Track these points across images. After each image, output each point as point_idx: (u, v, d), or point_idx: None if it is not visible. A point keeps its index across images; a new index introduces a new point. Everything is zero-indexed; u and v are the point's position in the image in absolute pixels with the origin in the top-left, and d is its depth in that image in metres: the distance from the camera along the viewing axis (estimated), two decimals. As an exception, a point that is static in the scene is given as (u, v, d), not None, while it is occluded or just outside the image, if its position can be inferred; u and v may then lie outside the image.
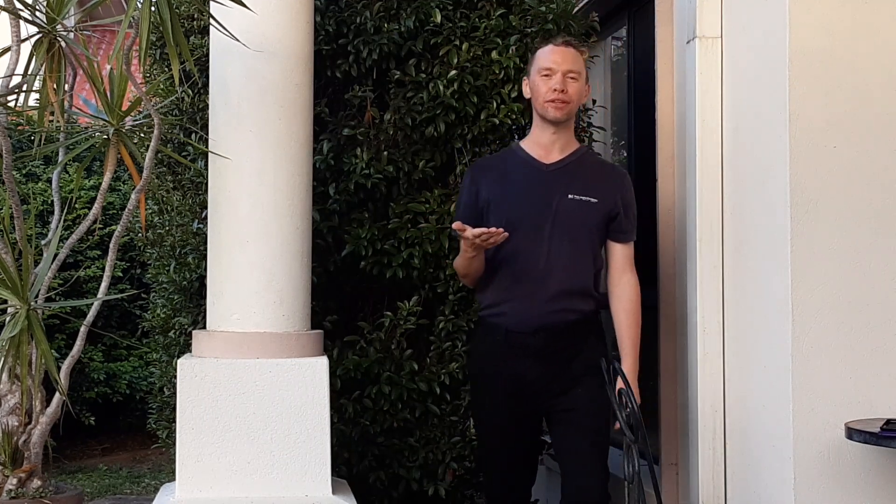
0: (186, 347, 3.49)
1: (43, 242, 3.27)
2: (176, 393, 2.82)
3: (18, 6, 2.89)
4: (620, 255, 3.11)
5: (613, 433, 3.07)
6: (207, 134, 3.04)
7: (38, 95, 3.06)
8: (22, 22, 2.93)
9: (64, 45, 2.98)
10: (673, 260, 3.54)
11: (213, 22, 2.84)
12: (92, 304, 3.13)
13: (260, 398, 2.82)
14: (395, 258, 3.40)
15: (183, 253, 3.68)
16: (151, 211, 3.97)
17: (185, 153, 3.68)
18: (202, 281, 3.40)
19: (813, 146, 2.89)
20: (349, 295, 3.54)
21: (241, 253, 2.91)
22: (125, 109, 3.12)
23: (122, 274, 6.83)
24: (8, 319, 2.89)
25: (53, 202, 3.33)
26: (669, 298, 3.57)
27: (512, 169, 3.12)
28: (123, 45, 2.77)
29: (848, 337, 2.87)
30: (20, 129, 6.43)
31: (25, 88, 3.02)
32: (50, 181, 6.20)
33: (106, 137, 3.09)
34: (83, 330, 3.13)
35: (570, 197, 3.05)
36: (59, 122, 3.04)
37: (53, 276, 3.08)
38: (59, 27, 2.93)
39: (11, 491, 2.98)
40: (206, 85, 3.28)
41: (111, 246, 3.13)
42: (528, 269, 3.03)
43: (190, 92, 3.57)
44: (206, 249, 3.06)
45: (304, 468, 2.82)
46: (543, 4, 3.50)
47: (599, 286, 3.12)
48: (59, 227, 3.19)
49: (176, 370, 2.86)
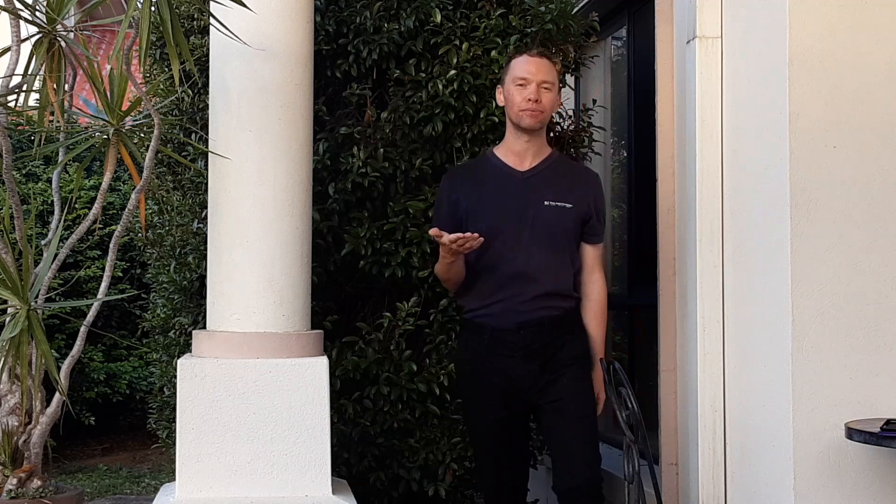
0: (186, 347, 3.49)
1: (43, 242, 3.27)
2: (176, 393, 2.82)
3: (18, 6, 2.89)
4: (591, 255, 3.22)
5: (614, 434, 3.08)
6: (207, 134, 3.04)
7: (38, 95, 3.06)
8: (22, 22, 2.92)
9: (64, 45, 2.98)
10: (673, 260, 3.55)
11: (213, 22, 2.84)
12: (92, 304, 3.13)
13: (260, 398, 2.82)
14: (394, 257, 3.40)
15: (183, 253, 3.67)
16: (151, 211, 3.97)
17: (185, 153, 3.68)
18: (202, 281, 3.40)
19: (813, 146, 2.89)
20: (349, 295, 3.54)
21: (241, 253, 2.91)
22: (125, 109, 3.12)
23: (122, 274, 6.83)
24: (8, 319, 2.89)
25: (53, 202, 3.32)
26: (669, 298, 3.57)
27: (488, 177, 3.19)
28: (123, 45, 2.77)
29: (848, 337, 2.87)
30: (20, 129, 6.43)
31: (25, 88, 3.01)
32: (50, 181, 6.20)
33: (106, 137, 3.09)
34: (83, 330, 3.13)
35: (546, 203, 3.13)
36: (59, 122, 3.04)
37: (53, 276, 3.08)
38: (59, 27, 2.93)
39: (11, 491, 2.98)
40: (206, 85, 3.28)
41: (111, 246, 3.13)
42: (509, 274, 3.10)
43: (190, 92, 3.57)
44: (206, 249, 3.06)
45: (304, 468, 2.82)
46: (543, 4, 3.50)
47: (577, 286, 3.21)
48: (59, 227, 3.19)
49: (176, 370, 2.86)
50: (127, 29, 2.73)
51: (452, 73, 3.40)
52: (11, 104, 3.07)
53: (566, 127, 3.77)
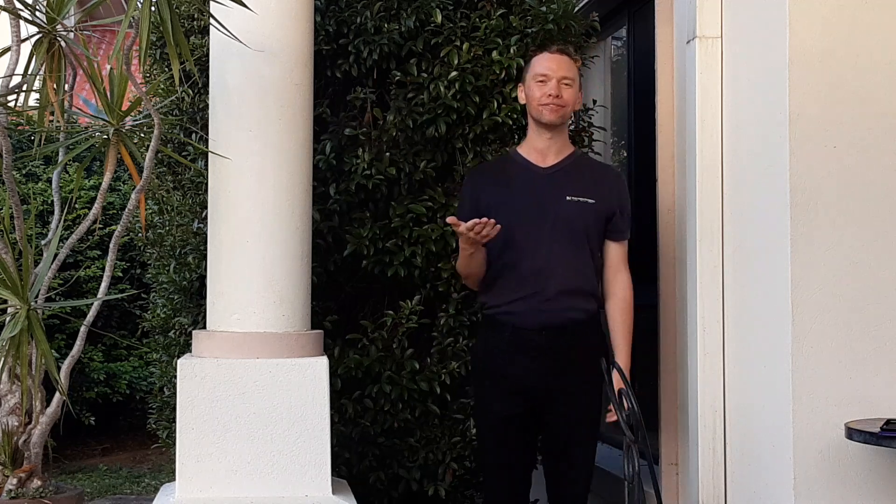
0: (186, 347, 3.49)
1: (43, 242, 3.27)
2: (176, 393, 2.82)
3: (18, 6, 2.89)
4: (616, 253, 3.18)
5: (614, 434, 3.08)
6: (207, 134, 3.04)
7: (38, 95, 3.06)
8: (22, 22, 2.93)
9: (64, 45, 2.98)
10: (673, 260, 3.55)
11: (213, 22, 2.84)
12: (92, 304, 3.13)
13: (260, 398, 2.82)
14: (396, 256, 3.39)
15: (183, 253, 3.67)
16: (151, 211, 3.97)
17: (185, 153, 3.68)
18: (202, 281, 3.40)
19: (813, 146, 2.89)
20: (349, 295, 3.54)
21: (241, 253, 2.91)
22: (125, 109, 3.12)
23: (122, 274, 6.83)
24: (8, 319, 2.89)
25: (53, 202, 3.32)
26: (669, 298, 3.57)
27: (510, 174, 3.17)
28: (123, 45, 2.77)
29: (848, 337, 2.87)
30: (20, 129, 6.43)
31: (25, 88, 3.02)
32: (50, 181, 6.20)
33: (106, 137, 3.09)
34: (83, 330, 3.13)
35: (568, 199, 3.10)
36: (59, 122, 3.04)
37: (53, 276, 3.08)
38: (59, 27, 2.93)
39: (11, 491, 2.98)
40: (206, 85, 3.28)
41: (111, 246, 3.13)
42: (530, 270, 3.07)
43: (190, 92, 3.57)
44: (206, 249, 3.06)
45: (304, 468, 2.82)
46: (544, 4, 3.50)
47: (599, 284, 3.17)
48: (59, 227, 3.19)
49: (176, 370, 2.86)
50: (127, 29, 2.73)
51: (453, 73, 3.40)
52: (11, 104, 3.07)
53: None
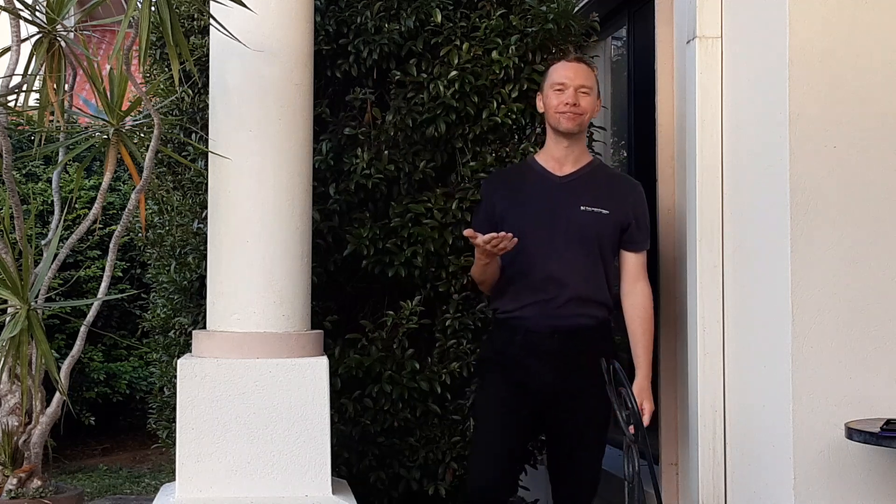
0: (186, 347, 3.49)
1: (43, 242, 3.27)
2: (176, 393, 2.82)
3: (18, 6, 2.89)
4: (633, 263, 3.20)
5: (614, 434, 3.08)
6: (207, 134, 3.04)
7: (38, 95, 3.06)
8: (22, 22, 2.93)
9: (64, 45, 2.98)
10: (673, 260, 3.54)
11: (213, 22, 2.84)
12: (92, 304, 3.13)
13: (260, 398, 2.82)
14: (396, 257, 3.39)
15: (183, 253, 3.67)
16: (151, 211, 3.97)
17: (185, 153, 3.68)
18: (202, 281, 3.40)
19: (813, 146, 2.88)
20: (350, 295, 3.54)
21: (241, 253, 2.91)
22: (125, 109, 3.12)
23: (122, 274, 6.83)
24: (8, 319, 2.89)
25: (53, 202, 3.33)
26: (669, 298, 3.57)
27: (526, 181, 3.20)
28: (123, 45, 2.77)
29: (848, 337, 2.87)
30: (20, 129, 6.43)
31: (25, 88, 3.02)
32: (50, 181, 6.19)
33: (106, 137, 3.09)
34: (83, 330, 3.13)
35: (582, 208, 3.13)
36: (59, 122, 3.04)
37: (53, 276, 3.08)
38: (59, 27, 2.93)
39: (11, 491, 2.98)
40: (206, 85, 3.28)
41: (111, 246, 3.13)
42: (542, 278, 3.09)
43: (190, 92, 3.57)
44: (206, 249, 3.06)
45: (304, 468, 2.82)
46: (544, 4, 3.50)
47: (611, 295, 3.19)
48: (59, 227, 3.19)
49: (176, 370, 2.86)
50: (127, 29, 2.73)
51: (453, 73, 3.40)
52: (11, 104, 3.07)
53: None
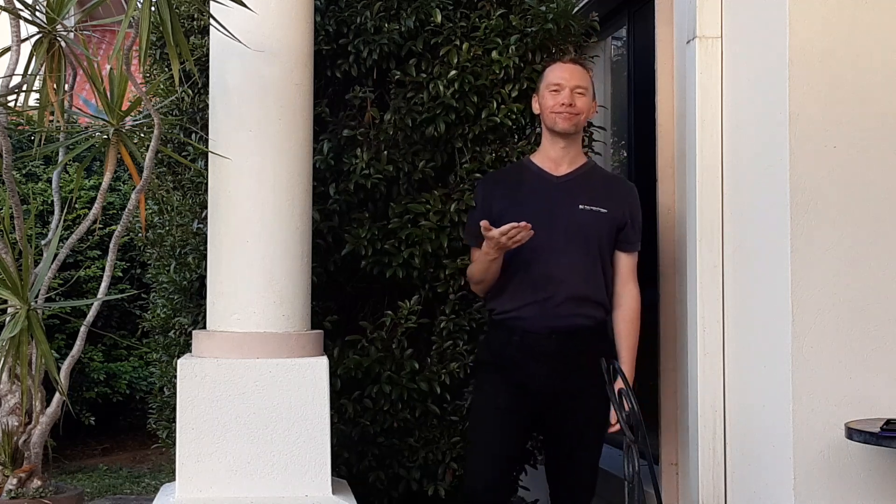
0: (186, 347, 3.49)
1: (43, 242, 3.27)
2: (176, 393, 2.82)
3: (18, 6, 2.89)
4: (625, 264, 3.20)
5: (614, 434, 3.08)
6: (207, 134, 3.04)
7: (38, 95, 3.06)
8: (22, 22, 2.93)
9: (64, 45, 2.98)
10: (673, 260, 3.55)
11: (213, 22, 2.84)
12: (92, 304, 3.13)
13: (260, 398, 2.82)
14: (395, 258, 3.39)
15: (183, 253, 3.67)
16: (151, 211, 3.97)
17: (185, 153, 3.68)
18: (202, 281, 3.40)
19: (813, 146, 2.88)
20: (349, 295, 3.54)
21: (241, 253, 2.91)
22: (125, 109, 3.12)
23: (122, 274, 6.83)
24: (8, 319, 2.89)
25: (53, 202, 3.32)
26: (669, 298, 3.57)
27: (523, 181, 3.20)
28: (123, 45, 2.77)
29: (848, 337, 2.87)
30: (20, 129, 6.43)
31: (25, 88, 3.02)
32: (50, 181, 6.20)
33: (106, 137, 3.09)
34: (83, 330, 3.13)
35: (580, 207, 3.13)
36: (59, 122, 3.04)
37: (53, 276, 3.08)
38: (59, 27, 2.93)
39: (11, 491, 2.98)
40: (206, 85, 3.28)
41: (111, 246, 3.13)
42: (540, 277, 3.09)
43: (190, 92, 3.57)
44: (206, 249, 3.06)
45: (304, 468, 2.82)
46: (543, 4, 3.50)
47: (609, 294, 3.18)
48: (59, 227, 3.19)
49: (176, 370, 2.86)
50: (127, 29, 2.73)
51: (453, 73, 3.40)
52: (11, 104, 3.07)
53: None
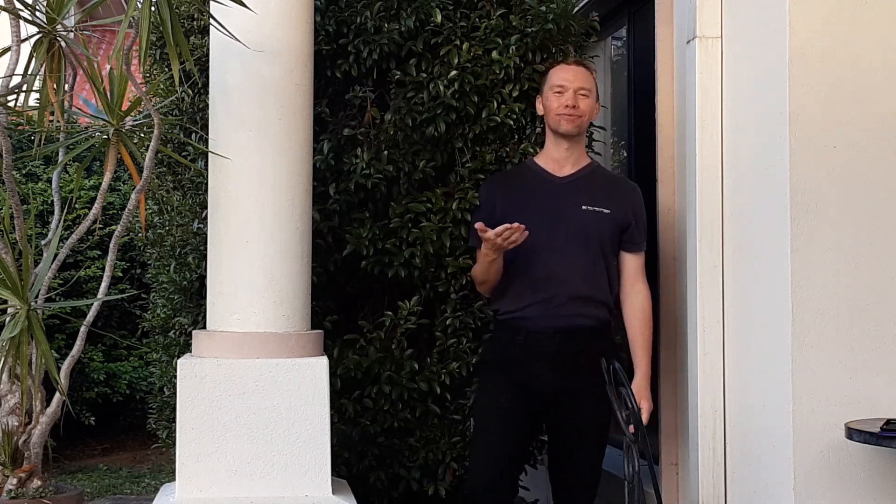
0: (186, 347, 3.49)
1: (43, 242, 3.27)
2: (176, 393, 2.82)
3: (18, 6, 2.89)
4: (632, 264, 3.21)
5: (614, 434, 3.08)
6: (207, 134, 3.04)
7: (38, 95, 3.06)
8: (22, 22, 2.93)
9: (64, 45, 2.98)
10: (673, 260, 3.55)
11: (213, 22, 2.84)
12: (92, 304, 3.13)
13: (260, 398, 2.82)
14: (396, 257, 3.39)
15: (183, 253, 3.67)
16: (151, 211, 3.97)
17: (185, 153, 3.68)
18: (202, 281, 3.40)
19: (813, 146, 2.88)
20: (349, 295, 3.54)
21: (241, 253, 2.91)
22: (125, 109, 3.12)
23: (122, 274, 6.83)
24: (8, 319, 2.89)
25: (53, 202, 3.32)
26: (669, 298, 3.57)
27: (526, 182, 3.21)
28: (123, 45, 2.77)
29: (848, 337, 2.87)
30: (20, 129, 6.42)
31: (25, 88, 3.02)
32: (50, 181, 6.20)
33: (106, 137, 3.09)
34: (83, 330, 3.13)
35: (583, 208, 3.14)
36: (59, 122, 3.04)
37: (53, 276, 3.08)
38: (59, 27, 2.93)
39: (11, 491, 2.98)
40: (206, 85, 3.28)
41: (111, 246, 3.13)
42: (543, 277, 3.10)
43: (190, 92, 3.57)
44: (206, 249, 3.06)
45: (304, 468, 2.82)
46: (544, 4, 3.50)
47: (612, 295, 3.19)
48: (59, 227, 3.19)
49: (176, 370, 2.86)
50: (127, 29, 2.73)
51: (453, 73, 3.40)
52: (11, 104, 3.07)
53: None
